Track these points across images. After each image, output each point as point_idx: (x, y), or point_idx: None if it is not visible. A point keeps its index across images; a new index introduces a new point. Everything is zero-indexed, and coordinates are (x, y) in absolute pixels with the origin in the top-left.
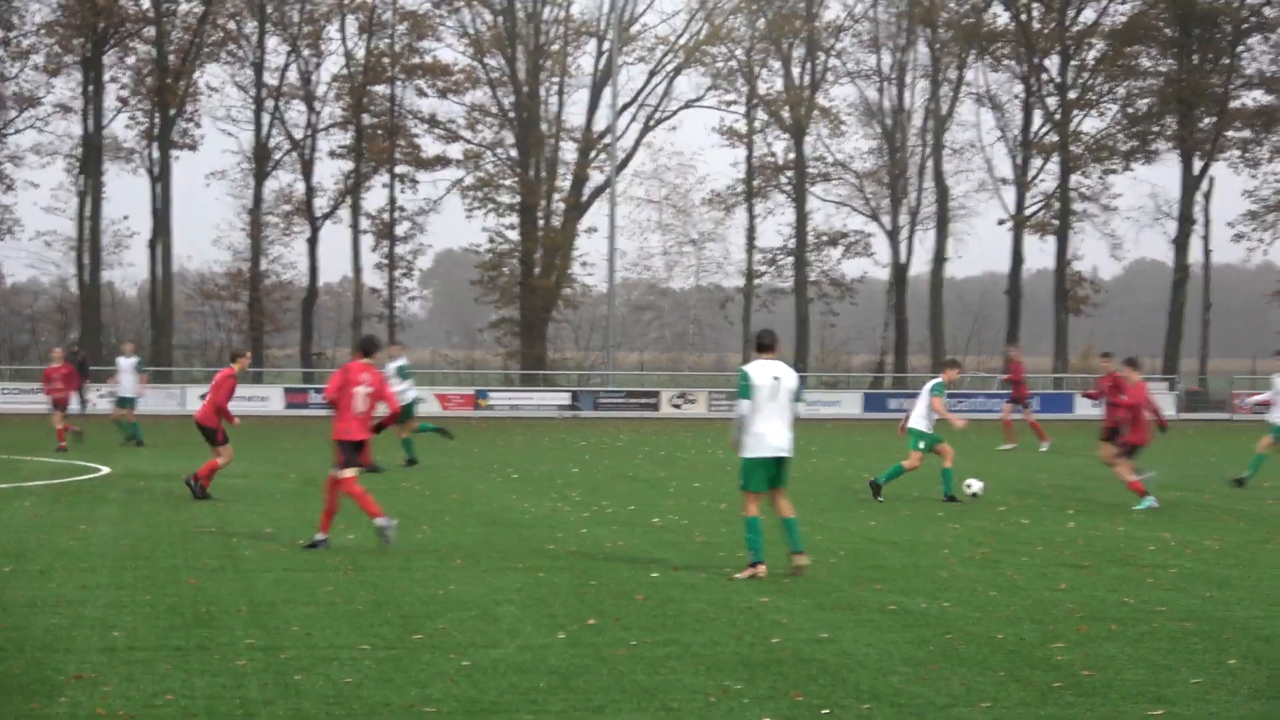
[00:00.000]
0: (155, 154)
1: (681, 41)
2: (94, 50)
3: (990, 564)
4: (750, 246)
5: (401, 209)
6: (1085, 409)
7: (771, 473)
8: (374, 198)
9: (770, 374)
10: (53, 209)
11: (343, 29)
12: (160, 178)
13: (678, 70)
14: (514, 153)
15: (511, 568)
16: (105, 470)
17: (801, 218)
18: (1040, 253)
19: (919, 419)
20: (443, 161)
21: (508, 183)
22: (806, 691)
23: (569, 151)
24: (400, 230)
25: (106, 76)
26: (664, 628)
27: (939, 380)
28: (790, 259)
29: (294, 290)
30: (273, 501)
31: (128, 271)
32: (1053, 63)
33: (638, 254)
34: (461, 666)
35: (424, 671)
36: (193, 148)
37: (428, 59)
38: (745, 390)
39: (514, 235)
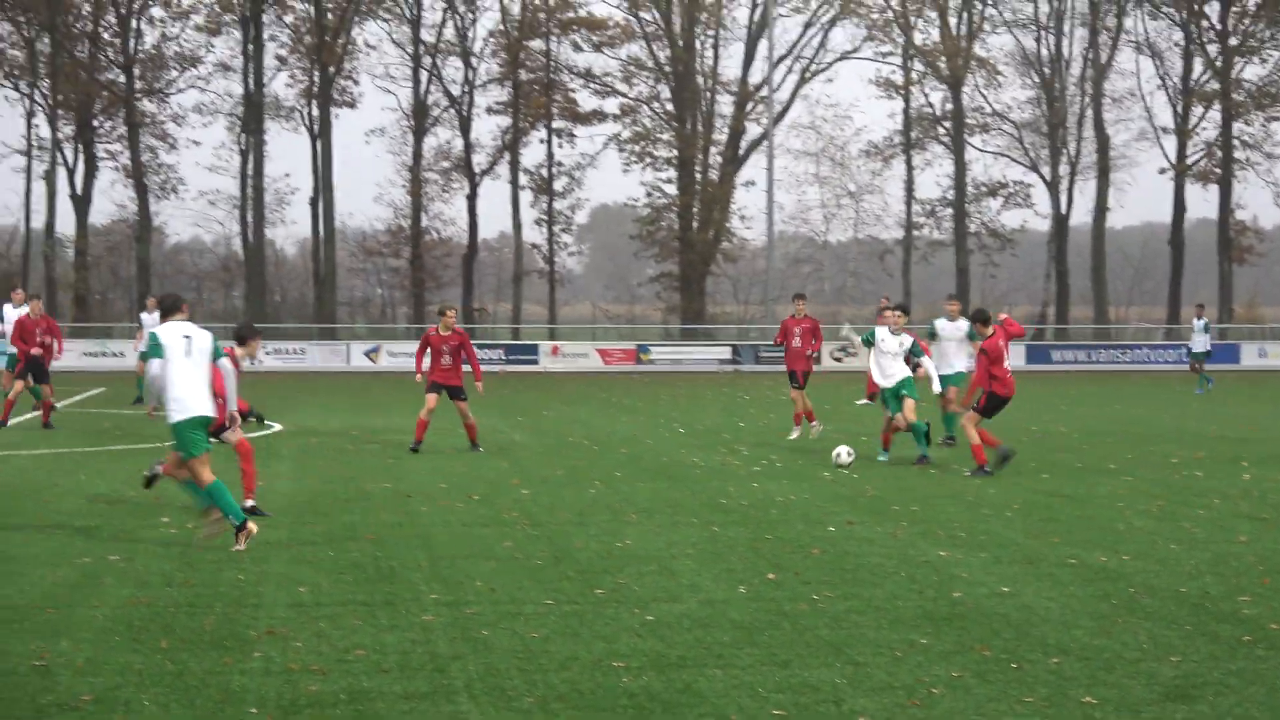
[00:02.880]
0: (315, 112)
1: None
2: (253, 9)
3: (1167, 517)
4: (909, 198)
5: (559, 164)
6: (1252, 358)
7: (205, 431)
8: (532, 153)
9: (182, 335)
10: (215, 168)
11: None
12: (320, 135)
13: (833, 22)
14: (670, 106)
15: (686, 522)
16: (278, 427)
17: (960, 169)
18: (1202, 202)
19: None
20: (599, 116)
21: (665, 136)
22: (993, 646)
23: (725, 105)
24: (558, 185)
25: (265, 35)
26: (844, 582)
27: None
28: (949, 210)
29: (454, 246)
30: (442, 457)
31: (290, 229)
32: (1213, 9)
33: (796, 207)
34: (645, 621)
35: (609, 626)
36: (352, 105)
37: (583, 13)
38: (156, 350)
39: (671, 189)
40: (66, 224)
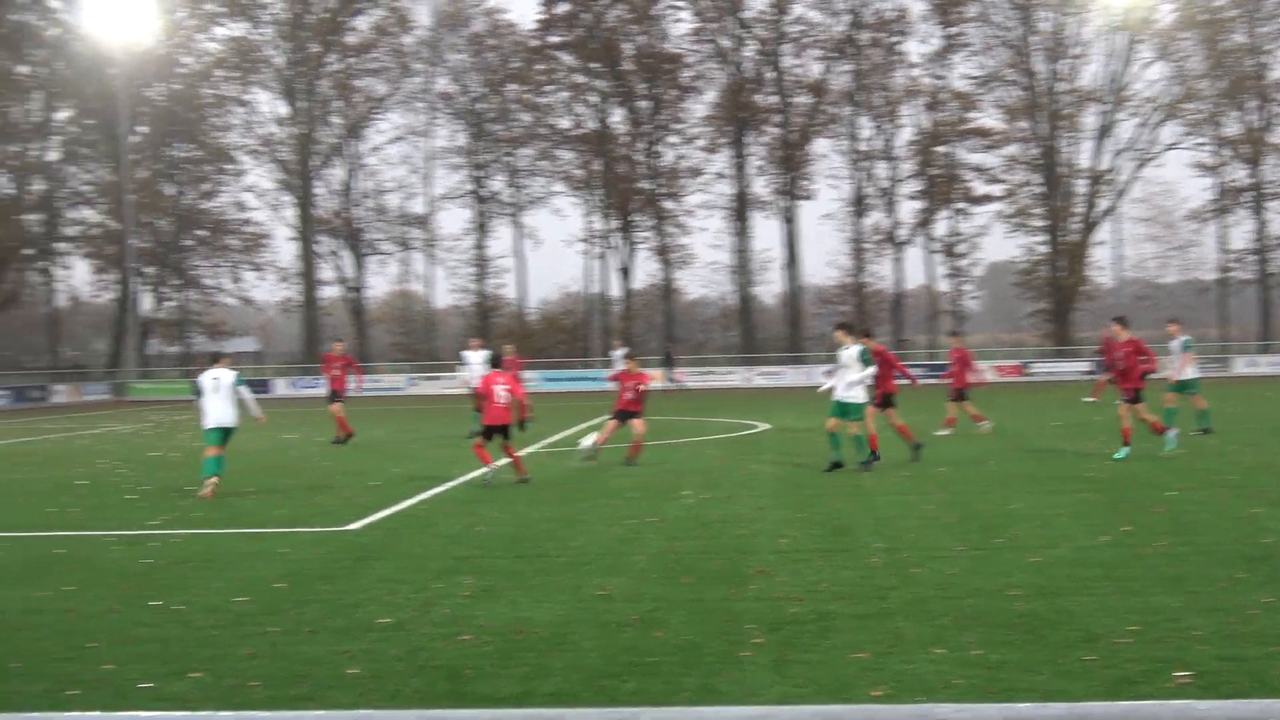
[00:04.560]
0: (784, 204)
1: (1163, 101)
2: (739, 134)
3: None
4: (1222, 249)
5: (959, 234)
6: None
7: (223, 435)
8: (940, 226)
9: (212, 377)
10: (716, 245)
11: (912, 108)
12: (788, 220)
13: (1161, 122)
14: (1040, 189)
15: (1060, 490)
16: (764, 426)
17: (1260, 226)
18: None
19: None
20: (989, 198)
21: (1037, 211)
22: None
23: (1081, 186)
24: (961, 249)
25: (748, 152)
26: (1179, 532)
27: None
28: (1254, 257)
29: (885, 295)
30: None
31: (768, 286)
32: None
33: (1136, 258)
34: (1031, 562)
35: (1005, 565)
36: (809, 198)
37: (974, 125)
38: (197, 389)
39: (1043, 249)
40: (615, 288)
